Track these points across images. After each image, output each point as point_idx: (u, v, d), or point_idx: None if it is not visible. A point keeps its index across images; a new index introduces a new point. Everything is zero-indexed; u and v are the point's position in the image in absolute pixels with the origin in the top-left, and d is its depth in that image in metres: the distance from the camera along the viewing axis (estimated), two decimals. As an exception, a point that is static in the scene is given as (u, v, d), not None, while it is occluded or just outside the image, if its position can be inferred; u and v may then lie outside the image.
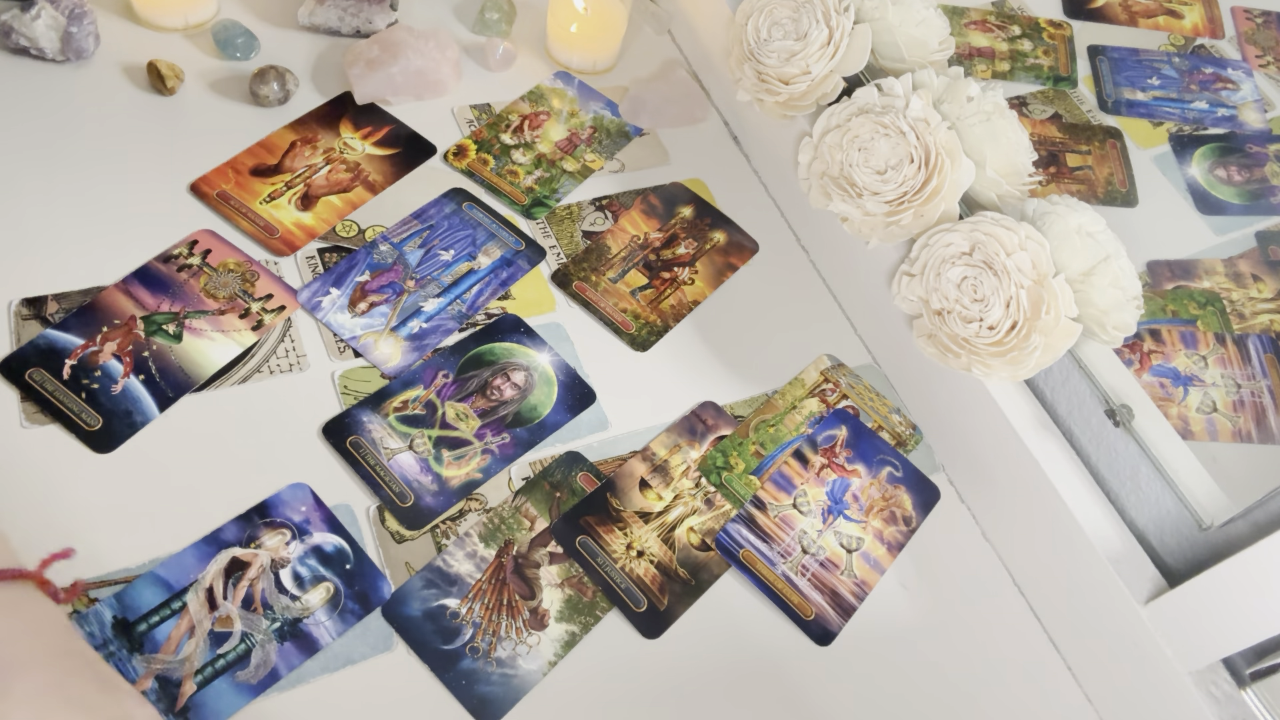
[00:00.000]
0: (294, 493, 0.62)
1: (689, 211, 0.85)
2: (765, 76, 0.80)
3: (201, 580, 0.58)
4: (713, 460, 0.71)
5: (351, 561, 0.61)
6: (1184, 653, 0.60)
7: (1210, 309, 0.69)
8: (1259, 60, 0.84)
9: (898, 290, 0.72)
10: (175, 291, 0.69)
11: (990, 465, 0.71)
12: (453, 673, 0.58)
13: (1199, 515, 0.62)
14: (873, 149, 0.72)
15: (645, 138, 0.90)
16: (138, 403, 0.64)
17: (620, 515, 0.67)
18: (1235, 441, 0.64)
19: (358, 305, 0.72)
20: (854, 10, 0.76)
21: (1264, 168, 0.77)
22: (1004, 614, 0.70)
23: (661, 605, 0.64)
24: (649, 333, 0.77)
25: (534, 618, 0.61)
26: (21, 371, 0.63)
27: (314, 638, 0.57)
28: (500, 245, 0.78)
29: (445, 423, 0.68)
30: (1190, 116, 0.81)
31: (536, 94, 0.90)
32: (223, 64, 0.84)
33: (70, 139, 0.75)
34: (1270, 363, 0.67)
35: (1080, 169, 0.79)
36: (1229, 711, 0.60)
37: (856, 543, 0.69)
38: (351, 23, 0.88)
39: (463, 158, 0.83)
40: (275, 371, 0.68)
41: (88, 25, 0.79)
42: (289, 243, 0.74)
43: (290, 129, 0.81)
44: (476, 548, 0.63)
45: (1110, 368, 0.68)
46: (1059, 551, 0.66)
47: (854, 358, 0.80)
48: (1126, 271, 0.65)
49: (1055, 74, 0.84)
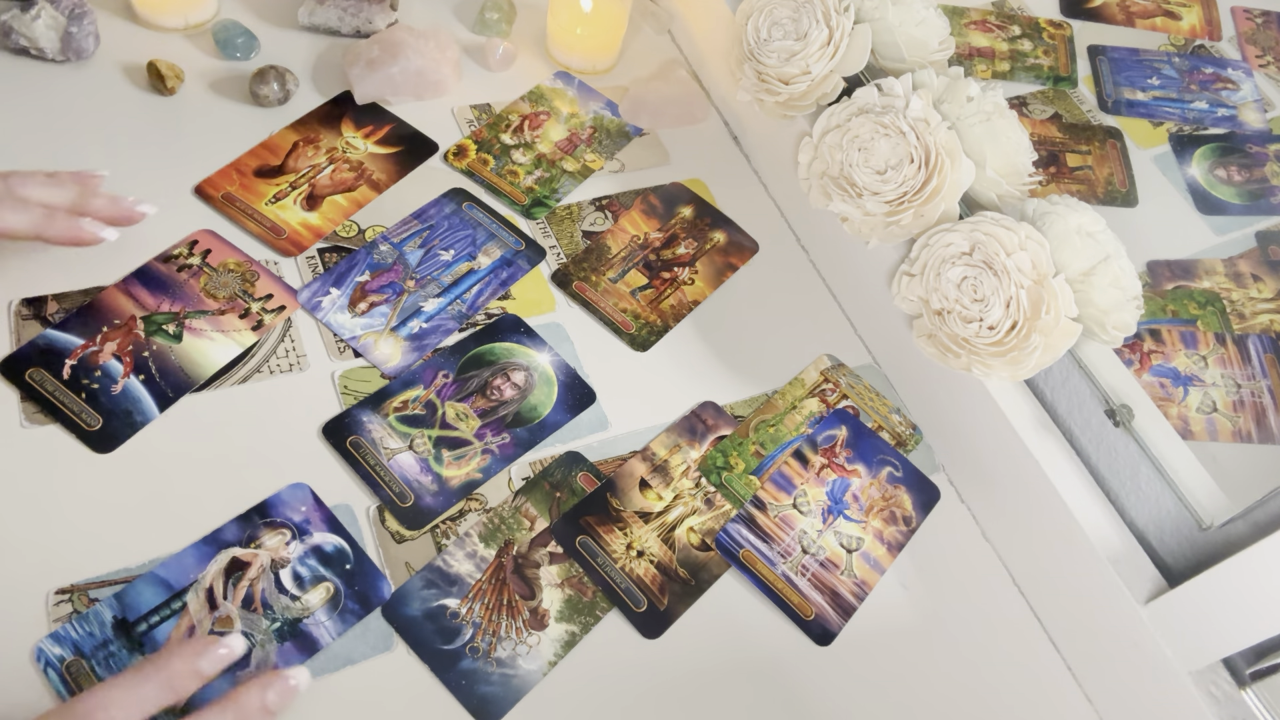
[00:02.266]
0: (294, 493, 0.62)
1: (689, 211, 0.85)
2: (765, 76, 0.80)
3: (201, 580, 0.58)
4: (713, 460, 0.71)
5: (351, 561, 0.61)
6: (1184, 653, 0.60)
7: (1210, 309, 0.69)
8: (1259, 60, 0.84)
9: (898, 290, 0.72)
10: (175, 291, 0.69)
11: (990, 465, 0.71)
12: (453, 673, 0.58)
13: (1199, 515, 0.62)
14: (873, 149, 0.72)
15: (645, 138, 0.90)
16: (138, 403, 0.64)
17: (620, 515, 0.67)
18: (1235, 441, 0.64)
19: (358, 305, 0.72)
20: (854, 10, 0.76)
21: (1264, 168, 0.77)
22: (1004, 614, 0.70)
23: (661, 605, 0.64)
24: (649, 333, 0.77)
25: (534, 618, 0.61)
26: (21, 371, 0.63)
27: (314, 638, 0.57)
28: (500, 245, 0.78)
29: (445, 423, 0.68)
30: (1190, 116, 0.81)
31: (536, 94, 0.90)
32: (223, 64, 0.84)
33: (70, 139, 0.75)
34: (1270, 363, 0.67)
35: (1080, 169, 0.79)
36: (1229, 711, 0.60)
37: (856, 543, 0.69)
38: (351, 23, 0.88)
39: (463, 158, 0.83)
40: (275, 371, 0.68)
41: (88, 25, 0.79)
42: (296, 243, 0.74)
43: (292, 129, 0.81)
44: (476, 548, 0.63)
45: (1110, 368, 0.68)
46: (1059, 551, 0.66)
47: (854, 358, 0.80)
48: (1126, 271, 0.65)
49: (1055, 74, 0.84)
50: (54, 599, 0.55)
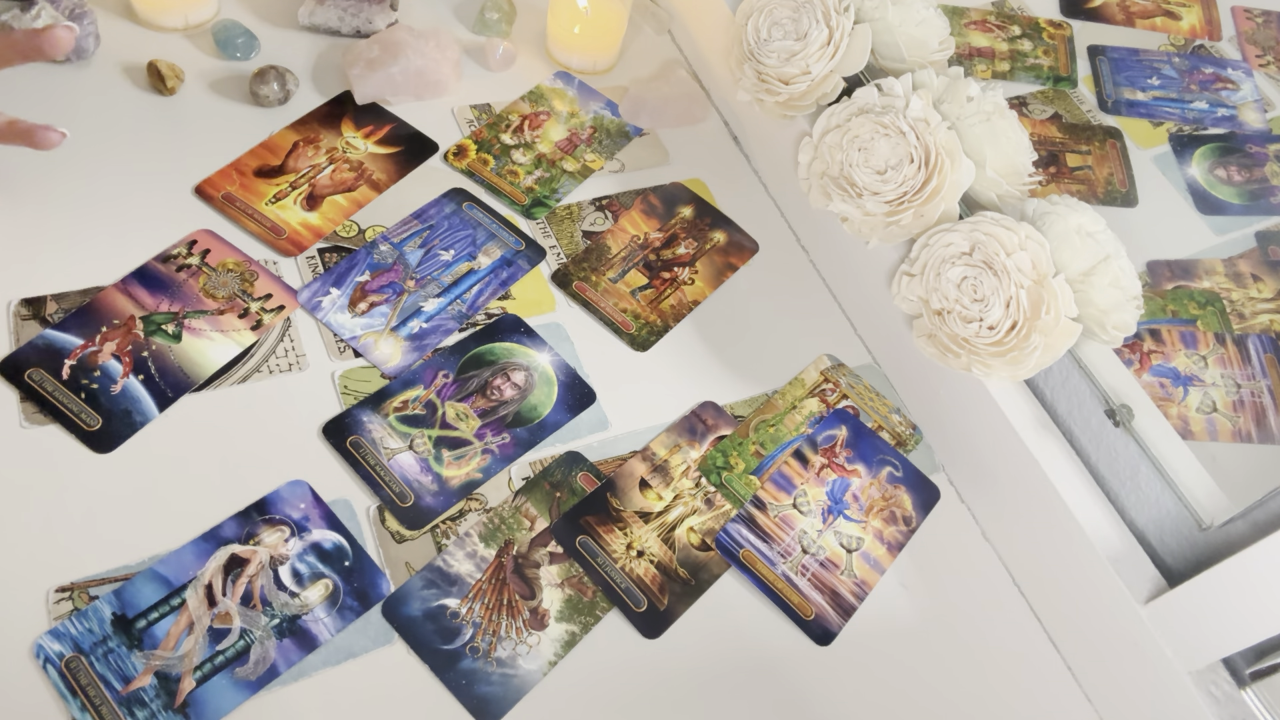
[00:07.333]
0: (293, 490, 0.62)
1: (689, 211, 0.85)
2: (765, 76, 0.80)
3: (200, 577, 0.58)
4: (713, 460, 0.71)
5: (350, 558, 0.61)
6: (1184, 653, 0.60)
7: (1210, 309, 0.69)
8: (1259, 60, 0.84)
9: (898, 290, 0.72)
10: (174, 291, 0.69)
11: (990, 465, 0.71)
12: (453, 673, 0.58)
13: (1199, 515, 0.62)
14: (873, 149, 0.72)
15: (645, 138, 0.90)
16: (137, 403, 0.64)
17: (620, 515, 0.66)
18: (1235, 441, 0.64)
19: (358, 305, 0.72)
20: (854, 10, 0.76)
21: (1264, 168, 0.77)
22: (1004, 614, 0.70)
23: (661, 605, 0.64)
24: (649, 333, 0.77)
25: (534, 618, 0.61)
26: (21, 371, 0.63)
27: (313, 634, 0.57)
28: (500, 245, 0.78)
29: (445, 423, 0.68)
30: (1190, 116, 0.81)
31: (536, 94, 0.90)
32: (223, 64, 0.84)
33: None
34: (1270, 363, 0.67)
35: (1080, 169, 0.79)
36: (1229, 711, 0.59)
37: (856, 543, 0.69)
38: (351, 23, 0.88)
39: (463, 158, 0.83)
40: (275, 371, 0.68)
41: (88, 25, 0.79)
42: (296, 243, 0.74)
43: (292, 129, 0.81)
44: (476, 548, 0.63)
45: (1110, 368, 0.68)
46: (1059, 551, 0.66)
47: (854, 358, 0.80)
48: (1126, 271, 0.65)
49: (1055, 74, 0.84)
50: (54, 596, 0.55)
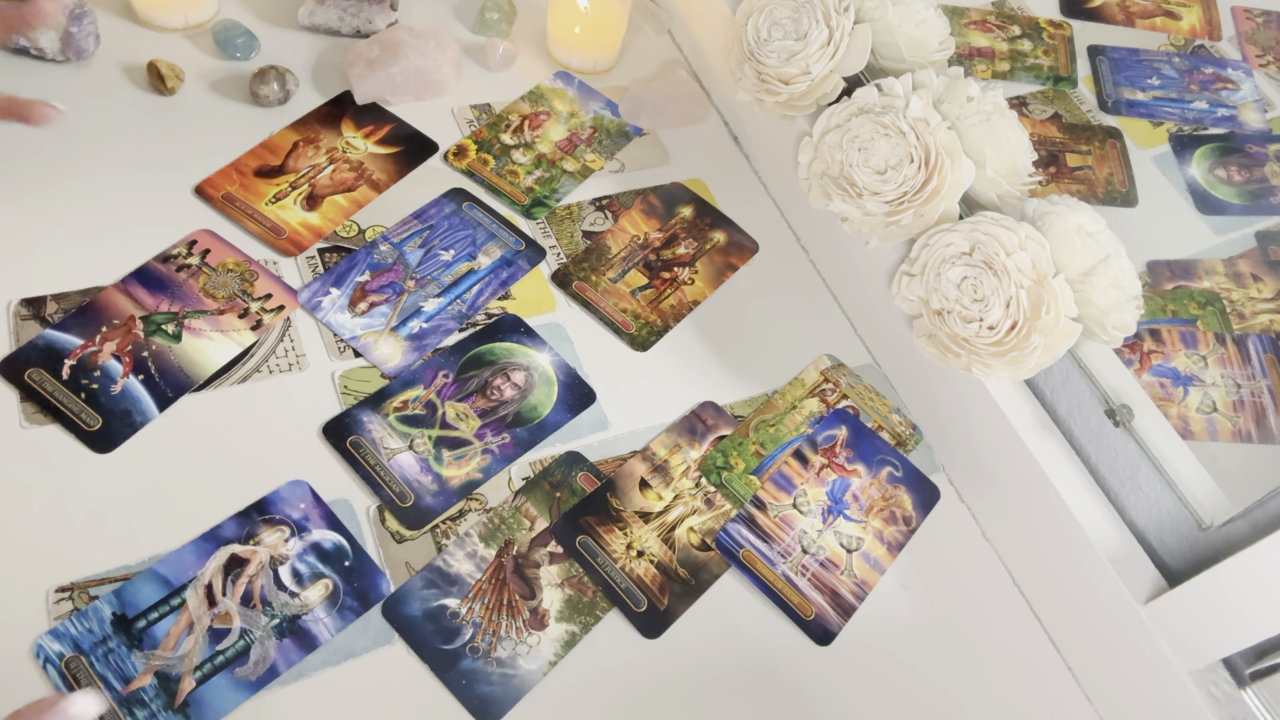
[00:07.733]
0: (293, 490, 0.62)
1: (689, 211, 0.85)
2: (765, 76, 0.80)
3: (200, 577, 0.58)
4: (713, 460, 0.71)
5: (350, 559, 0.61)
6: (1184, 653, 0.60)
7: (1210, 309, 0.69)
8: (1259, 60, 0.84)
9: (898, 290, 0.72)
10: (174, 291, 0.69)
11: (990, 465, 0.71)
12: (453, 672, 0.58)
13: (1199, 515, 0.62)
14: (873, 149, 0.72)
15: (645, 138, 0.90)
16: (137, 403, 0.64)
17: (620, 515, 0.66)
18: (1235, 441, 0.64)
19: (358, 305, 0.72)
20: (854, 10, 0.76)
21: (1264, 168, 0.77)
22: (1004, 614, 0.70)
23: (661, 605, 0.64)
24: (649, 333, 0.77)
25: (534, 618, 0.61)
26: (21, 371, 0.63)
27: (313, 634, 0.57)
28: (500, 245, 0.78)
29: (445, 423, 0.68)
30: (1190, 116, 0.81)
31: (536, 94, 0.90)
32: (223, 64, 0.84)
33: (70, 139, 0.75)
34: (1270, 363, 0.67)
35: (1080, 169, 0.79)
36: (1229, 711, 0.59)
37: (856, 543, 0.69)
38: (351, 23, 0.88)
39: (463, 158, 0.83)
40: (275, 371, 0.68)
41: (88, 25, 0.79)
42: (296, 243, 0.74)
43: (292, 129, 0.81)
44: (476, 548, 0.63)
45: (1110, 368, 0.68)
46: (1059, 551, 0.66)
47: (854, 358, 0.80)
48: (1126, 271, 0.65)
49: (1055, 74, 0.84)
50: (54, 596, 0.55)
